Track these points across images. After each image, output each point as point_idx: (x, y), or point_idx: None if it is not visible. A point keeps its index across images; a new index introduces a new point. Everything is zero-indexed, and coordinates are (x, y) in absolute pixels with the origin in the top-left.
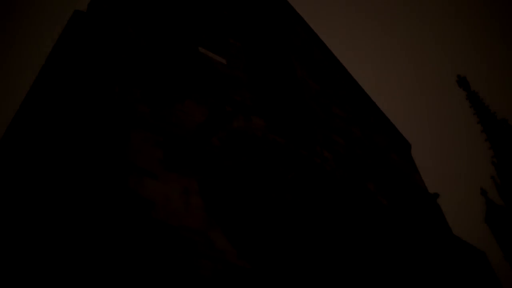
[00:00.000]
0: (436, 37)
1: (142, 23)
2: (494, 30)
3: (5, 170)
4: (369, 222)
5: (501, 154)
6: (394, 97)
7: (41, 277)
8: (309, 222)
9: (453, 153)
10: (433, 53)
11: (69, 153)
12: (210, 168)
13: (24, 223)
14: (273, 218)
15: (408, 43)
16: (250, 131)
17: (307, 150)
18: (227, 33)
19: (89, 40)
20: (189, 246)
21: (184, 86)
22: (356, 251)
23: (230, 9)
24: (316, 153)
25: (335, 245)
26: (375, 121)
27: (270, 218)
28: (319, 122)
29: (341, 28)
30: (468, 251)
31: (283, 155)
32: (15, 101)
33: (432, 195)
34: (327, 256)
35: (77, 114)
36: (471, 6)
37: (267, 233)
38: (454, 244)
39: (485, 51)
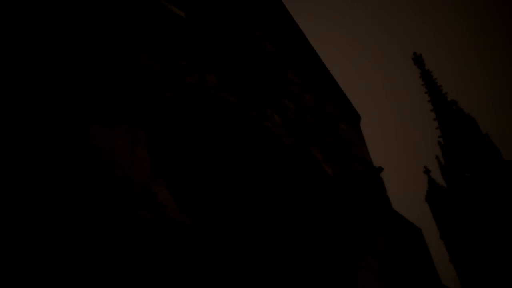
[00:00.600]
0: (397, 14)
1: None
2: (452, 11)
3: None
4: (310, 189)
5: (448, 135)
6: (349, 70)
7: None
8: (252, 184)
9: (402, 129)
10: (392, 30)
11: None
12: (159, 121)
13: None
14: (217, 177)
15: (370, 17)
16: (202, 88)
17: (258, 112)
18: None
19: None
20: (130, 197)
21: (140, 37)
22: (294, 214)
23: None
24: (266, 116)
25: (275, 208)
26: (328, 90)
27: (214, 176)
28: (272, 86)
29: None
30: (405, 226)
31: (233, 114)
32: None
33: (377, 168)
34: (267, 217)
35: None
36: None
37: (209, 190)
38: (392, 219)
39: (444, 32)
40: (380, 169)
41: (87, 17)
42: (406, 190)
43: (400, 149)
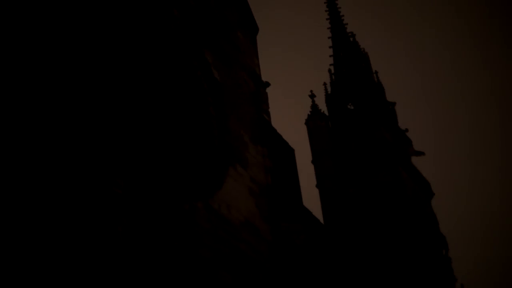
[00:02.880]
0: None
1: None
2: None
3: None
4: (195, 90)
5: (340, 65)
6: None
7: None
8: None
9: (297, 49)
10: None
11: None
12: None
13: None
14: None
15: None
16: None
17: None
18: None
19: None
20: None
21: None
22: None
23: None
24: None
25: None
26: None
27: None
28: None
29: None
30: (280, 144)
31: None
32: None
33: (264, 83)
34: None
35: None
36: None
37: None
38: (269, 134)
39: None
40: (267, 84)
41: None
42: (289, 110)
43: (291, 69)
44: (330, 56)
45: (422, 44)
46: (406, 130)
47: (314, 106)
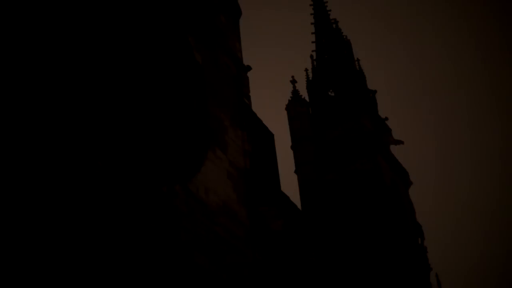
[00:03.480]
0: None
1: None
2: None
3: None
4: (177, 73)
5: (322, 51)
6: None
7: None
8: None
9: (280, 34)
10: None
11: None
12: None
13: None
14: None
15: None
16: None
17: None
18: None
19: None
20: None
21: None
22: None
23: None
24: None
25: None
26: None
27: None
28: None
29: None
30: (259, 129)
31: None
32: None
33: (245, 66)
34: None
35: None
36: None
37: None
38: (249, 119)
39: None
40: (249, 67)
41: None
42: (270, 95)
43: (274, 54)
44: (313, 42)
45: (409, 34)
46: (386, 118)
47: (295, 92)
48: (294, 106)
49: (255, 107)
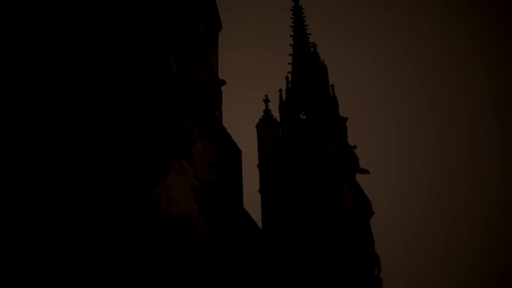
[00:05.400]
0: None
1: None
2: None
3: None
4: (151, 81)
5: (297, 73)
6: None
7: None
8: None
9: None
10: None
11: None
12: None
13: None
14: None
15: None
16: None
17: None
18: None
19: None
20: None
21: None
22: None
23: None
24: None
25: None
26: None
27: None
28: None
29: None
30: (228, 144)
31: None
32: None
33: (220, 81)
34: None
35: None
36: None
37: None
38: (218, 133)
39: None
40: (223, 82)
41: None
42: (241, 112)
43: (250, 71)
44: (289, 63)
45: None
46: (355, 146)
47: (267, 111)
48: (265, 125)
49: (226, 122)
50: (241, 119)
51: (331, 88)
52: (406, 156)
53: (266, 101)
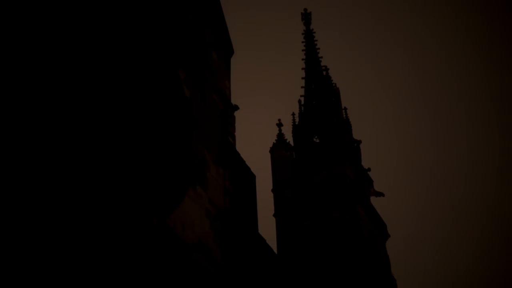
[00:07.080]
0: None
1: None
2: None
3: None
4: (164, 107)
5: (310, 97)
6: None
7: None
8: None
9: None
10: None
11: None
12: None
13: None
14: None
15: None
16: None
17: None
18: None
19: None
20: None
21: None
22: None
23: None
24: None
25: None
26: (211, 15)
27: None
28: None
29: None
30: (242, 169)
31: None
32: None
33: (233, 106)
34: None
35: None
36: None
37: None
38: (232, 158)
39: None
40: (236, 107)
41: None
42: (255, 136)
43: (262, 95)
44: (302, 87)
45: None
46: (369, 169)
47: (280, 135)
48: (278, 149)
49: (239, 147)
50: (254, 143)
51: (344, 111)
52: (419, 176)
53: (279, 125)
